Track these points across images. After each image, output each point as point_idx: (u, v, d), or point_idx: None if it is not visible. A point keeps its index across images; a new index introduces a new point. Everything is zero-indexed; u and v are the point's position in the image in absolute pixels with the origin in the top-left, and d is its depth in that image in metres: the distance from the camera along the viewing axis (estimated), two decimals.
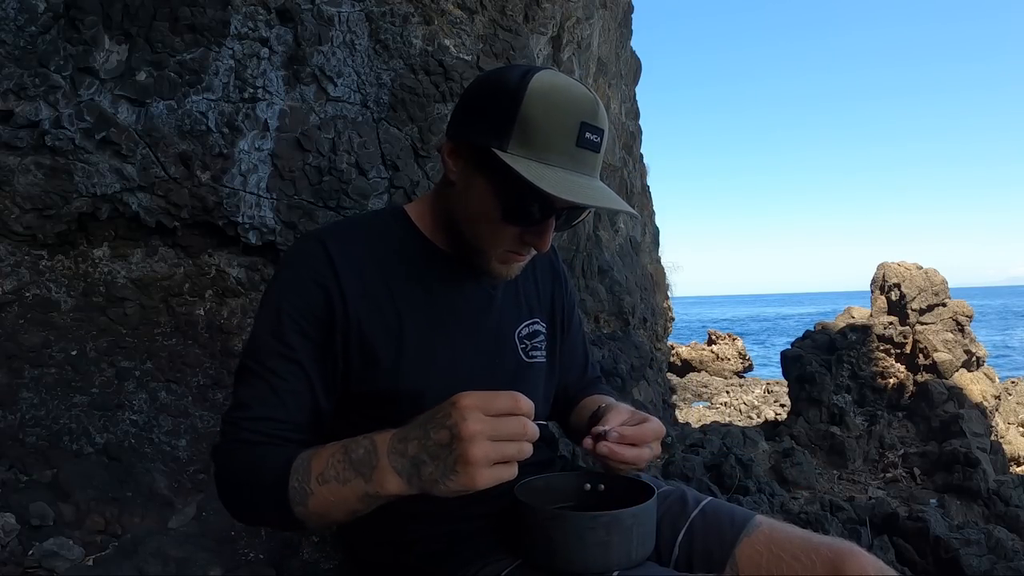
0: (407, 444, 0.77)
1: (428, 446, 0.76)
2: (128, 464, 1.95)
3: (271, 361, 0.94)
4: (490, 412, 0.75)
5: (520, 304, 1.16)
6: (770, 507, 3.32)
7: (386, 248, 1.04)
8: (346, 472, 0.81)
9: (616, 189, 5.98)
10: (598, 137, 0.95)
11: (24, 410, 1.93)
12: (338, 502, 0.82)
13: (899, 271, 9.45)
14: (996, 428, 7.47)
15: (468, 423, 0.73)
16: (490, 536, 1.02)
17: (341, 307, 0.96)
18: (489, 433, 0.74)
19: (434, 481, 0.75)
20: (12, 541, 1.61)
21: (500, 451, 0.74)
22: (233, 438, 0.93)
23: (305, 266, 0.98)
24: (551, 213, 0.95)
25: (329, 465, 0.82)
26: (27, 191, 1.89)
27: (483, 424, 0.74)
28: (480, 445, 0.73)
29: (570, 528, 0.85)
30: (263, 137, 2.14)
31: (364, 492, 0.80)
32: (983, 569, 2.76)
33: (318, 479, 0.82)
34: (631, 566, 0.87)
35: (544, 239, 0.96)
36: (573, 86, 0.95)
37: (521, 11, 2.75)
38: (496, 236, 0.98)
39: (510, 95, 0.91)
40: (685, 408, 10.46)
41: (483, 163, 0.94)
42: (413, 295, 1.02)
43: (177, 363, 2.13)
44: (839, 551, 0.91)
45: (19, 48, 1.82)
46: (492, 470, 0.74)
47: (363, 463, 0.80)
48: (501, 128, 0.91)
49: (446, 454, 0.74)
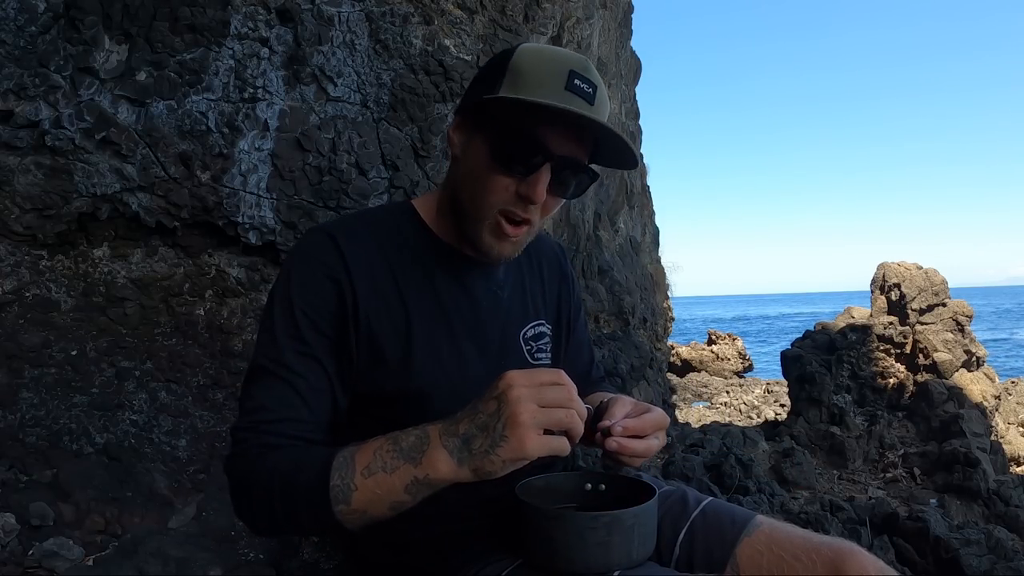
0: (458, 424, 0.77)
1: (477, 420, 0.76)
2: (128, 464, 1.95)
3: (288, 359, 0.92)
4: (535, 383, 0.76)
5: (526, 305, 1.15)
6: (770, 507, 3.32)
7: (394, 245, 1.02)
8: (395, 460, 0.79)
9: (616, 189, 5.99)
10: (589, 88, 0.93)
11: (24, 410, 1.93)
12: (384, 494, 0.79)
13: (899, 271, 9.45)
14: (996, 428, 7.47)
15: (514, 389, 0.74)
16: (491, 536, 1.02)
17: (352, 301, 0.95)
18: (535, 397, 0.74)
19: (484, 453, 0.75)
20: (12, 541, 1.61)
21: (548, 416, 0.75)
22: (254, 444, 0.89)
23: (316, 260, 0.97)
24: (541, 154, 0.91)
25: (376, 457, 0.80)
26: (27, 191, 1.89)
27: (529, 390, 0.75)
28: (527, 407, 0.73)
29: (571, 528, 0.85)
30: (263, 137, 2.14)
31: (412, 478, 0.78)
32: (983, 569, 2.76)
33: (363, 472, 0.80)
34: (632, 566, 0.87)
35: (537, 189, 0.92)
36: (563, 49, 0.98)
37: (521, 11, 2.75)
38: (491, 191, 0.94)
39: (501, 56, 0.95)
40: (685, 408, 10.46)
41: (478, 119, 0.95)
42: (421, 295, 1.01)
43: (177, 363, 2.13)
44: (840, 551, 0.91)
45: (19, 48, 1.82)
46: (542, 438, 0.74)
47: (414, 449, 0.78)
48: (492, 80, 0.93)
49: (495, 422, 0.74)
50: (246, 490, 0.88)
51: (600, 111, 0.95)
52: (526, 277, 1.15)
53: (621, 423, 0.92)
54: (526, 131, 0.90)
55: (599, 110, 0.94)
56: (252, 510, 0.88)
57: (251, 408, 0.92)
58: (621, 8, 5.67)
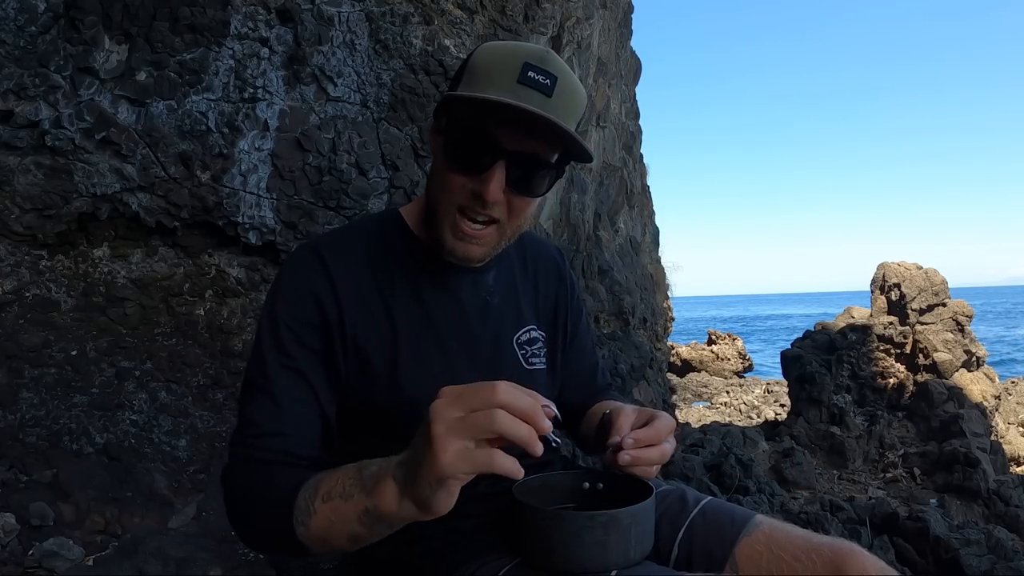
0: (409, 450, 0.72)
1: (415, 442, 0.70)
2: (128, 464, 1.95)
3: (274, 373, 0.93)
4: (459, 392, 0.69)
5: (519, 310, 1.13)
6: (770, 507, 3.32)
7: (381, 255, 1.02)
8: (352, 488, 0.75)
9: (616, 189, 5.99)
10: (546, 80, 0.88)
11: (24, 410, 1.93)
12: (338, 521, 0.77)
13: (899, 271, 9.45)
14: (996, 428, 7.47)
15: (439, 406, 0.68)
16: (489, 535, 1.02)
17: (337, 315, 0.95)
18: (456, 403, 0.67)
19: (414, 479, 0.68)
20: (12, 541, 1.61)
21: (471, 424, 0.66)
22: (243, 458, 0.90)
23: (301, 276, 0.97)
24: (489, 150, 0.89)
25: (338, 483, 0.77)
26: (27, 191, 1.89)
27: (449, 399, 0.68)
28: (443, 417, 0.66)
29: (568, 528, 0.85)
30: (263, 137, 2.14)
31: (364, 508, 0.74)
32: (983, 569, 2.76)
33: (323, 497, 0.78)
34: (629, 565, 0.86)
35: (487, 186, 0.89)
36: (525, 44, 0.95)
37: (521, 11, 2.75)
38: (447, 191, 0.93)
39: (468, 55, 0.94)
40: (685, 408, 10.46)
41: (440, 120, 0.95)
42: (408, 305, 1.01)
43: (177, 363, 2.13)
44: (840, 551, 0.91)
45: (19, 48, 1.82)
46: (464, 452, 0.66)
47: (372, 477, 0.74)
48: (455, 80, 0.94)
49: (421, 443, 0.68)
50: (233, 503, 0.89)
51: (560, 103, 0.89)
52: (518, 282, 1.14)
53: (631, 436, 0.91)
54: (476, 128, 0.88)
55: (559, 102, 0.89)
56: (237, 520, 0.89)
57: (242, 422, 0.93)
58: (621, 8, 5.67)
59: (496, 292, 1.10)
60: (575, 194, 4.65)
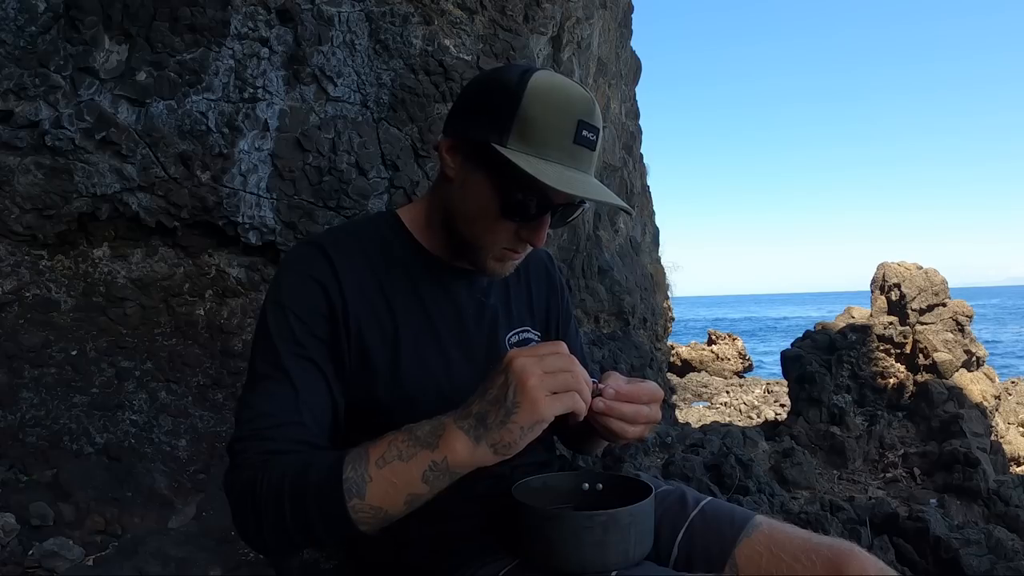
0: (470, 407, 0.79)
1: (487, 396, 0.78)
2: (128, 464, 1.95)
3: (287, 363, 0.92)
4: (536, 353, 0.79)
5: (511, 311, 1.17)
6: (770, 507, 3.32)
7: (380, 254, 1.05)
8: (411, 448, 0.79)
9: (616, 189, 5.99)
10: (594, 135, 0.95)
11: (24, 410, 1.93)
12: (400, 484, 0.79)
13: (899, 271, 9.44)
14: (996, 428, 7.47)
15: (517, 360, 0.77)
16: (489, 536, 1.02)
17: (341, 306, 0.97)
18: (539, 365, 0.77)
19: (501, 424, 0.76)
20: (12, 541, 1.61)
21: (554, 380, 0.77)
22: (257, 451, 0.87)
23: (305, 268, 0.99)
24: (547, 209, 0.96)
25: (391, 447, 0.80)
26: (27, 191, 1.89)
27: (531, 358, 0.77)
28: (533, 374, 0.76)
29: (567, 528, 0.85)
30: (263, 137, 2.14)
31: (430, 463, 0.78)
32: (983, 569, 2.76)
33: (377, 463, 0.79)
34: (629, 565, 0.86)
35: (539, 235, 0.98)
36: (571, 86, 0.97)
37: (521, 11, 2.74)
38: (494, 232, 0.99)
39: (509, 93, 0.93)
40: (685, 408, 10.46)
41: (482, 159, 0.96)
42: (408, 302, 1.04)
43: (177, 363, 2.13)
44: (840, 551, 0.91)
45: (19, 48, 1.82)
46: (554, 397, 0.77)
47: (429, 435, 0.79)
48: (501, 124, 0.93)
49: (504, 393, 0.77)
50: (251, 501, 0.83)
51: (599, 153, 1.00)
52: (511, 286, 1.17)
53: (612, 386, 0.92)
54: (536, 189, 0.93)
55: (599, 151, 0.99)
56: (259, 522, 0.83)
57: (251, 417, 0.90)
58: (621, 8, 5.67)
59: (490, 294, 1.14)
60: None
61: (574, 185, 0.91)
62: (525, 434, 0.77)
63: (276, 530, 0.83)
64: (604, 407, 0.89)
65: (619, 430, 0.92)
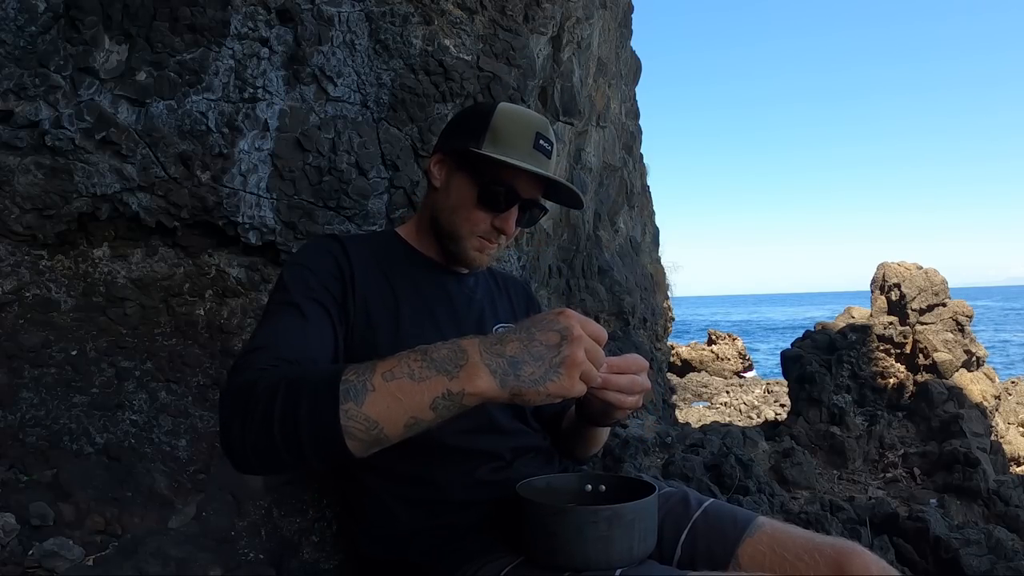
0: (505, 345, 0.77)
1: (532, 348, 0.76)
2: (128, 464, 1.95)
3: (298, 300, 1.03)
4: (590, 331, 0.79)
5: (496, 310, 1.36)
6: (770, 507, 3.32)
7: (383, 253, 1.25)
8: (424, 370, 0.75)
9: (616, 189, 5.98)
10: (549, 146, 1.20)
11: (24, 410, 1.93)
12: (406, 402, 0.74)
13: (899, 271, 9.45)
14: (996, 428, 7.47)
15: (577, 329, 0.77)
16: (491, 533, 1.02)
17: (350, 275, 1.13)
18: (589, 344, 0.78)
19: (534, 382, 0.75)
20: (12, 541, 1.61)
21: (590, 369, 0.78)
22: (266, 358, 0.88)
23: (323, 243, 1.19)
24: (515, 200, 1.19)
25: (402, 363, 0.77)
26: (27, 191, 1.89)
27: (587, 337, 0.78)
28: (583, 348, 0.76)
29: (571, 523, 0.85)
30: (263, 137, 2.14)
31: (445, 390, 0.75)
32: (983, 569, 2.76)
33: (384, 375, 0.76)
34: (633, 562, 0.87)
35: (509, 224, 1.20)
36: (530, 111, 1.28)
37: (521, 11, 2.74)
38: (472, 222, 1.20)
39: (482, 114, 1.21)
40: (685, 408, 10.47)
41: (462, 162, 1.21)
42: (407, 288, 1.22)
43: (177, 363, 2.13)
44: (842, 550, 0.91)
45: (19, 48, 1.82)
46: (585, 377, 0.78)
47: (448, 361, 0.76)
48: (476, 134, 1.19)
49: (552, 356, 0.76)
50: (245, 399, 0.81)
51: (555, 163, 1.25)
52: (495, 293, 1.39)
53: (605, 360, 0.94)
54: (506, 182, 1.17)
55: (554, 161, 1.24)
56: (247, 420, 0.79)
57: (261, 336, 0.96)
58: (621, 8, 5.67)
59: (477, 290, 1.35)
60: None
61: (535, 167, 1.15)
62: (545, 400, 0.77)
63: (261, 430, 0.78)
64: (601, 381, 0.91)
65: (617, 401, 0.95)
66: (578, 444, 1.28)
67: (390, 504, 1.03)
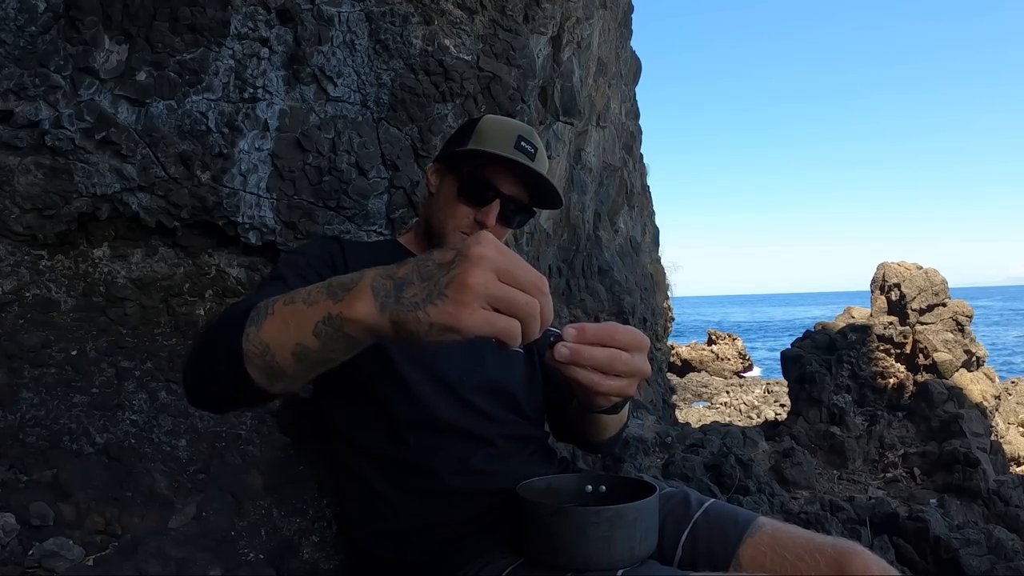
0: (400, 267, 0.66)
1: (423, 267, 0.64)
2: (128, 464, 1.95)
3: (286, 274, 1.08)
4: (506, 253, 0.63)
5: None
6: (770, 507, 3.32)
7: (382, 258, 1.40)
8: (319, 295, 0.70)
9: (616, 189, 5.99)
10: (532, 148, 1.25)
11: (24, 410, 1.92)
12: (294, 328, 0.69)
13: (899, 271, 9.45)
14: (996, 428, 7.47)
15: (479, 247, 0.61)
16: (492, 534, 1.02)
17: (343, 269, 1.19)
18: (500, 265, 0.61)
19: (414, 306, 0.61)
20: (12, 541, 1.61)
21: (504, 294, 0.61)
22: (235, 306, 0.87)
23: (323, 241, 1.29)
24: (495, 196, 1.23)
25: (307, 291, 0.72)
26: (27, 191, 1.89)
27: (496, 256, 0.61)
28: (484, 272, 0.60)
29: (573, 523, 0.85)
30: (263, 137, 2.14)
31: (326, 314, 0.67)
32: (983, 569, 2.76)
33: (286, 300, 0.72)
34: (634, 563, 0.87)
35: (489, 217, 1.24)
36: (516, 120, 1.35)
37: (521, 11, 2.74)
38: (455, 217, 1.26)
39: (471, 123, 1.31)
40: (685, 408, 10.46)
41: (451, 164, 1.30)
42: None
43: (177, 363, 2.13)
44: (843, 551, 0.91)
45: (19, 48, 1.82)
46: (487, 313, 0.60)
47: (342, 285, 0.69)
48: (464, 138, 1.28)
49: (441, 275, 0.61)
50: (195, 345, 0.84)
51: (538, 166, 1.27)
52: None
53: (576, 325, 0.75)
54: (484, 175, 1.24)
55: (538, 166, 1.27)
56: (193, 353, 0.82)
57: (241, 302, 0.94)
58: (621, 8, 5.67)
59: None
60: (575, 194, 4.64)
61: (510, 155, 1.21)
62: (432, 333, 0.61)
63: (196, 355, 0.81)
64: (570, 352, 0.73)
65: (589, 382, 0.75)
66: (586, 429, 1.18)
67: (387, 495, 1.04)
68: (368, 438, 1.14)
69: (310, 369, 0.72)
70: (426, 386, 1.12)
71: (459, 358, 1.16)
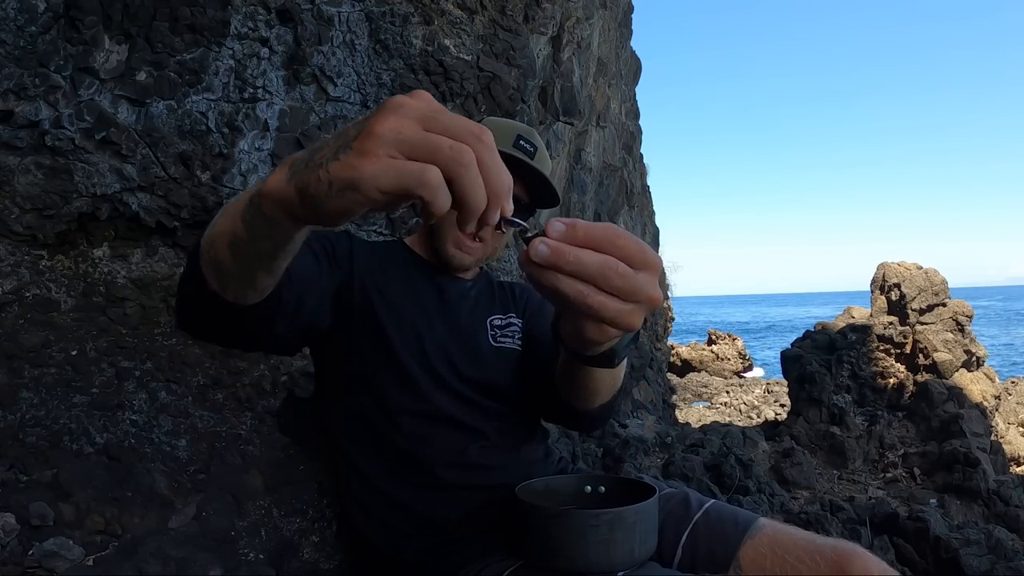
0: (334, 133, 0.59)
1: (342, 130, 0.54)
2: (128, 464, 1.95)
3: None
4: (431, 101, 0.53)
5: (495, 302, 1.42)
6: (770, 507, 3.32)
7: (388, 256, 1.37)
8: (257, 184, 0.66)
9: (616, 189, 5.99)
10: (531, 148, 1.26)
11: (24, 410, 1.92)
12: (228, 217, 0.67)
13: (899, 271, 9.45)
14: (996, 428, 7.47)
15: (403, 96, 0.52)
16: (490, 535, 1.02)
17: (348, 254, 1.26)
18: (423, 112, 0.50)
19: (317, 165, 0.52)
20: (12, 541, 1.61)
21: (423, 136, 0.49)
22: None
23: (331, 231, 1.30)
24: None
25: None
26: (27, 191, 1.89)
27: (420, 103, 0.51)
28: (400, 118, 0.49)
29: (572, 526, 0.85)
30: (263, 137, 2.14)
31: (250, 196, 0.63)
32: (983, 569, 2.76)
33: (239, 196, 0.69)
34: (634, 565, 0.87)
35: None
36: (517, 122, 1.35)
37: (521, 11, 2.74)
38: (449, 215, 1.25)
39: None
40: (685, 408, 10.46)
41: None
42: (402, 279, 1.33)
43: (177, 363, 2.13)
44: (843, 552, 0.91)
45: (19, 48, 1.82)
46: (394, 163, 0.49)
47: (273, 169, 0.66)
48: None
49: (354, 130, 0.52)
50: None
51: (539, 165, 1.28)
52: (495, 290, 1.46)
53: (564, 221, 0.58)
54: None
55: (538, 164, 1.28)
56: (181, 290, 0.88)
57: None
58: (621, 8, 5.67)
59: (474, 290, 1.41)
60: (575, 194, 4.64)
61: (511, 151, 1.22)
62: (332, 194, 0.51)
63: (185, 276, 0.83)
64: (549, 252, 0.55)
65: (575, 294, 0.55)
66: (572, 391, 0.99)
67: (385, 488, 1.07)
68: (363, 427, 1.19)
69: (245, 264, 0.68)
70: (420, 374, 1.18)
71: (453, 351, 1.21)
